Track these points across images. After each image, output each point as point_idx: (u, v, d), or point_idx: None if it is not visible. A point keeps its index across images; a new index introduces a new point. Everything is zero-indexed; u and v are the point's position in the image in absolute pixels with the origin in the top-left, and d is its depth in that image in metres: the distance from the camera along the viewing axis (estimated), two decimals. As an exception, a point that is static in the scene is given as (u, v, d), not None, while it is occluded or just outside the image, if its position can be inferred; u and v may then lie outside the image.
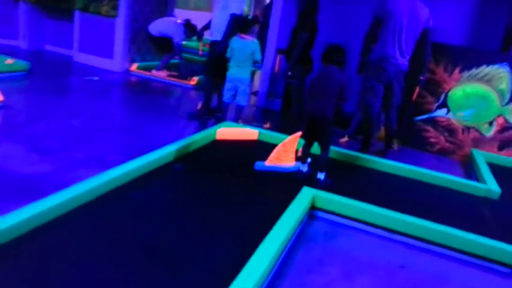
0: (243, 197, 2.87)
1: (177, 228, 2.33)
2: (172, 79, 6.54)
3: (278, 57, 4.75)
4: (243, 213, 2.62)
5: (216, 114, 4.82)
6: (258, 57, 4.37)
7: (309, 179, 3.24)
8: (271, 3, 6.61)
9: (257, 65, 4.58)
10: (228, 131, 3.99)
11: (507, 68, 4.57)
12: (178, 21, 6.52)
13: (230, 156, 3.60)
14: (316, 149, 3.30)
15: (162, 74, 6.63)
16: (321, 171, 3.21)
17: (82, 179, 2.47)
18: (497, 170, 4.01)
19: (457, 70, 4.72)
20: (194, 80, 6.42)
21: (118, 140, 3.71)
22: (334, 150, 3.88)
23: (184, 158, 3.31)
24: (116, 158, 3.22)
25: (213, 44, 4.64)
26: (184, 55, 8.45)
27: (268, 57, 5.74)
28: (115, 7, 6.48)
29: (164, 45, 6.46)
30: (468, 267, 2.51)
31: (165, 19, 6.59)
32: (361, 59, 4.24)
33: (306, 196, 2.76)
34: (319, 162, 3.23)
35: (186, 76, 6.54)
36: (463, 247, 2.54)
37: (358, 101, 4.72)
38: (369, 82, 4.12)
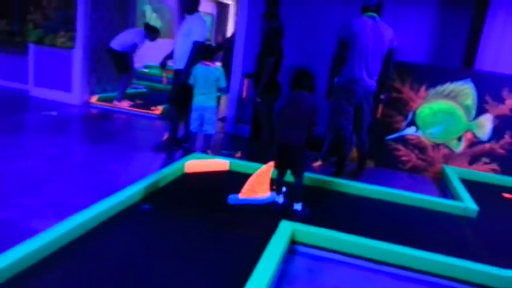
0: (218, 236, 2.67)
1: (148, 280, 2.10)
2: (136, 109, 6.30)
3: (246, 82, 4.63)
4: (219, 255, 2.43)
5: (183, 145, 4.62)
6: (223, 84, 4.24)
7: (285, 210, 3.09)
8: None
9: (224, 89, 4.47)
10: (197, 163, 3.80)
11: (471, 84, 4.63)
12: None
13: (201, 190, 3.40)
14: (290, 177, 3.16)
15: (125, 104, 6.39)
16: (297, 202, 3.06)
17: (36, 231, 2.21)
18: (469, 186, 3.99)
19: (423, 88, 4.75)
20: (159, 110, 6.21)
21: (78, 182, 3.43)
22: (309, 177, 3.76)
23: (152, 196, 3.09)
24: (75, 202, 2.96)
25: (177, 72, 4.48)
26: (148, 83, 8.29)
27: (235, 83, 5.63)
28: (72, 38, 6.23)
29: (124, 63, 6.25)
30: (458, 295, 2.40)
31: (126, 31, 6.37)
32: (329, 83, 4.19)
33: (285, 231, 2.60)
34: (294, 192, 3.09)
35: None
36: (451, 274, 2.44)
37: (328, 124, 4.65)
38: (339, 105, 4.06)
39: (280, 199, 3.18)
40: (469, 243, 2.99)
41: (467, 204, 3.50)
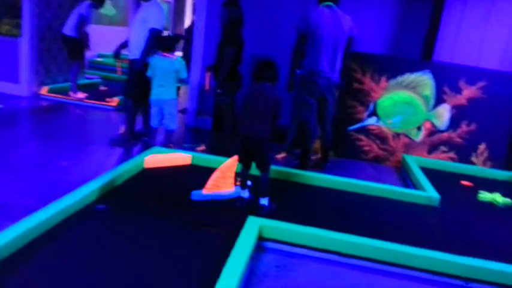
0: (183, 234, 2.54)
1: (112, 285, 1.95)
2: (90, 101, 5.99)
3: (208, 73, 4.48)
4: (185, 255, 2.30)
5: (142, 139, 4.42)
6: (184, 75, 4.08)
7: (251, 206, 3.00)
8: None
9: (185, 81, 4.31)
10: (157, 158, 3.63)
11: (430, 75, 4.71)
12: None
13: (162, 186, 3.24)
14: (255, 170, 3.07)
15: (80, 96, 6.06)
16: (264, 196, 2.98)
17: (-20, 238, 2.00)
18: (429, 174, 4.06)
19: (383, 78, 4.79)
20: (115, 101, 5.93)
21: (27, 180, 3.18)
22: (273, 169, 3.68)
23: (110, 195, 2.90)
24: (24, 203, 2.74)
25: (133, 62, 4.26)
26: (102, 73, 7.91)
27: (195, 74, 5.45)
28: (18, 25, 5.80)
29: (77, 49, 5.91)
30: (424, 284, 2.40)
31: (73, 12, 5.95)
32: (290, 75, 4.12)
33: (252, 227, 2.51)
34: (260, 186, 3.00)
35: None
36: (420, 265, 2.44)
37: (291, 115, 4.59)
38: (302, 98, 4.01)
39: (246, 194, 3.09)
40: (434, 232, 3.02)
41: (430, 193, 3.55)
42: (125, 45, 4.59)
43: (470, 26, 4.92)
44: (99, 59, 9.24)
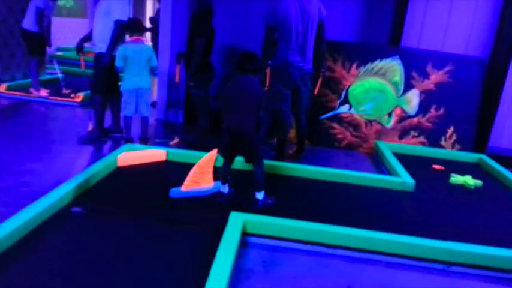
0: (165, 234, 2.47)
1: (90, 295, 1.87)
2: (54, 98, 5.73)
3: (178, 64, 4.36)
4: (169, 255, 2.23)
5: (112, 135, 4.27)
6: (155, 63, 4.01)
7: (231, 200, 2.95)
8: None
9: (156, 70, 4.21)
10: (131, 156, 3.51)
11: (399, 61, 4.78)
12: None
13: (139, 185, 3.14)
14: (236, 165, 3.02)
15: (43, 94, 5.78)
16: (259, 191, 2.91)
17: None
18: (402, 159, 4.13)
19: (354, 66, 4.82)
20: (79, 97, 5.70)
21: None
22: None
23: (84, 197, 2.78)
24: (-7, 210, 2.58)
25: (98, 56, 4.08)
26: (66, 68, 7.57)
27: (163, 65, 5.29)
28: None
29: (38, 45, 5.62)
30: (409, 271, 2.44)
31: (29, 4, 5.65)
32: (262, 68, 4.08)
33: (236, 223, 2.47)
34: (254, 180, 2.92)
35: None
36: (403, 252, 2.48)
37: (265, 106, 4.55)
38: (276, 88, 3.97)
39: (226, 189, 3.03)
40: (412, 217, 3.07)
41: (404, 178, 3.61)
42: (87, 38, 4.40)
43: (436, 11, 5.00)
44: (58, 53, 8.85)
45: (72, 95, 5.75)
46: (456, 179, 3.87)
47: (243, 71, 2.86)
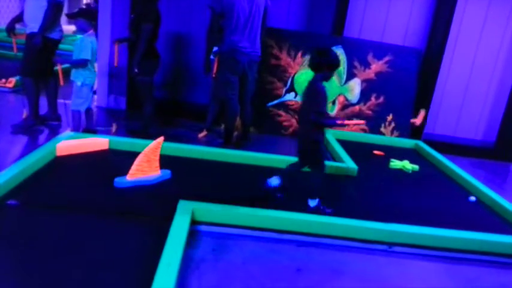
0: (110, 226, 2.37)
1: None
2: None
3: (116, 48, 4.17)
4: (115, 248, 2.15)
5: (49, 123, 4.03)
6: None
7: (278, 192, 2.94)
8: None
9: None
10: (70, 144, 3.33)
11: (341, 50, 4.91)
12: None
13: (80, 175, 2.99)
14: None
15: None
16: (312, 198, 2.83)
17: None
18: (345, 146, 4.27)
19: (299, 54, 4.88)
20: (11, 82, 5.32)
21: None
22: (199, 149, 3.62)
23: (20, 189, 2.60)
24: None
25: (30, 37, 3.83)
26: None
27: (103, 50, 5.06)
28: None
29: None
30: (354, 252, 2.54)
31: None
32: (206, 55, 4.04)
33: (185, 212, 2.44)
34: (308, 187, 2.84)
35: None
36: (346, 234, 2.57)
37: (212, 93, 4.51)
38: (224, 76, 3.94)
39: (276, 181, 2.93)
40: (356, 201, 3.19)
41: (348, 164, 3.74)
42: (19, 18, 4.10)
43: (376, 3, 5.18)
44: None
45: (4, 80, 5.35)
46: (395, 163, 4.07)
47: (312, 70, 2.71)
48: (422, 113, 2.76)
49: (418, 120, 2.77)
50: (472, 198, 3.42)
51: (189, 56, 5.14)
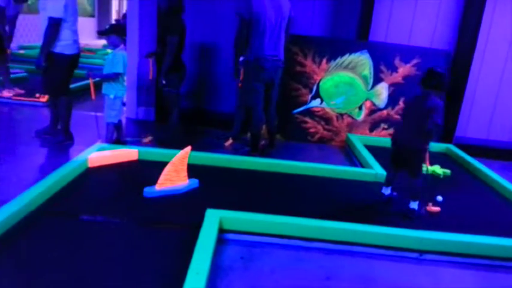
0: (141, 234, 2.43)
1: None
2: (18, 98, 5.53)
3: (150, 62, 4.28)
4: (146, 255, 2.20)
5: (44, 136, 4.14)
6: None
7: (390, 202, 3.19)
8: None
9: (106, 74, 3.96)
10: (101, 156, 3.42)
11: (367, 55, 4.86)
12: None
13: (111, 185, 3.08)
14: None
15: (6, 94, 5.56)
16: (414, 200, 3.02)
17: None
18: (373, 152, 4.21)
19: (324, 60, 4.86)
20: (45, 97, 5.51)
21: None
22: (226, 158, 3.65)
23: (54, 199, 2.69)
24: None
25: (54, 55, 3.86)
26: (28, 67, 7.30)
27: (132, 64, 5.18)
28: None
29: None
30: (384, 260, 2.50)
31: None
32: (234, 62, 4.08)
33: (213, 220, 2.46)
34: (411, 190, 3.04)
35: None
36: (378, 242, 2.53)
37: (238, 102, 4.55)
38: (250, 84, 3.97)
39: (387, 191, 3.24)
40: (386, 208, 3.14)
41: (376, 170, 3.69)
42: None
43: (402, 5, 5.11)
44: (21, 51, 8.54)
45: (38, 95, 5.57)
46: (425, 168, 3.97)
47: (425, 86, 2.93)
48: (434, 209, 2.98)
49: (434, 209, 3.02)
50: (439, 198, 3.30)
51: (213, 66, 5.20)
